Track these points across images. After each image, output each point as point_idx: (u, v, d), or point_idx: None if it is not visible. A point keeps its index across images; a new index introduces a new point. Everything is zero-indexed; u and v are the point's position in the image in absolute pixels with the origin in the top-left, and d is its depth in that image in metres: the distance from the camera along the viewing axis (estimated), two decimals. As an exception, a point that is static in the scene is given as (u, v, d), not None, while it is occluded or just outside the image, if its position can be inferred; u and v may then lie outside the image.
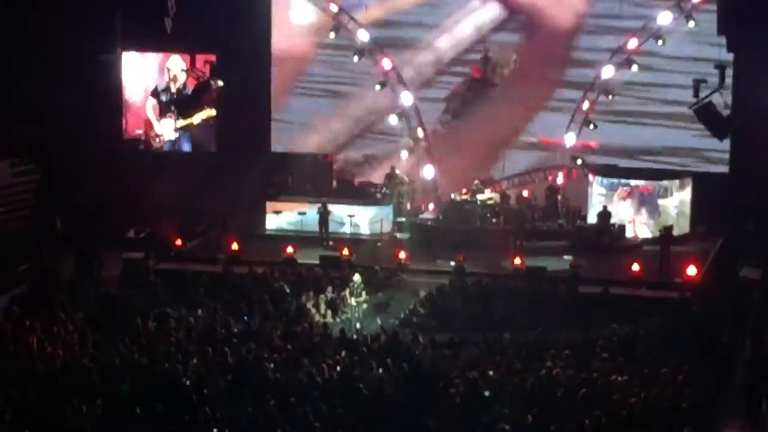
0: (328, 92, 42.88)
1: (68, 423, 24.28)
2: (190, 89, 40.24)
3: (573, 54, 41.16)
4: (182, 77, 40.43)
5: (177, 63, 40.70)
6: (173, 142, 41.28)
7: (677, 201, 38.36)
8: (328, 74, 42.82)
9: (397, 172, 40.72)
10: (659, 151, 40.43)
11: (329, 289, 32.65)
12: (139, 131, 41.19)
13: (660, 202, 38.23)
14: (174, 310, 31.00)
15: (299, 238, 37.23)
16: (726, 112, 35.36)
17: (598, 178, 38.88)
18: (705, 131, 36.17)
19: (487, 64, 41.21)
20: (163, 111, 40.88)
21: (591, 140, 40.77)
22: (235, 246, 36.01)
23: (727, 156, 38.88)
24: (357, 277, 32.62)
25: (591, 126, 40.47)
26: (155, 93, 40.98)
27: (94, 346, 28.37)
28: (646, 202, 38.30)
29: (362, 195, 39.48)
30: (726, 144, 37.60)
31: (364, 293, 32.41)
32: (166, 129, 41.09)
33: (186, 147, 41.28)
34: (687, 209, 38.41)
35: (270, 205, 38.97)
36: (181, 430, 23.88)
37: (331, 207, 38.31)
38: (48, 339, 28.69)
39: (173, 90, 40.77)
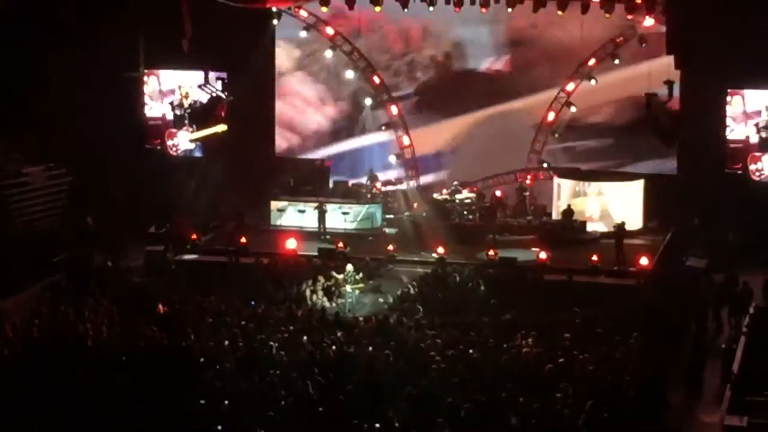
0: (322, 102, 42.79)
1: (97, 395, 24.25)
2: (201, 104, 40.33)
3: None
4: (193, 94, 40.45)
5: (188, 81, 40.84)
6: (188, 150, 41.42)
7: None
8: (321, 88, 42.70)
9: (376, 173, 40.82)
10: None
11: (325, 277, 32.60)
12: (155, 142, 41.40)
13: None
14: (190, 296, 30.99)
15: (300, 233, 37.12)
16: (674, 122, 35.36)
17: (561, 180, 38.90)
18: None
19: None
20: (177, 124, 40.91)
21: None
22: (243, 240, 35.97)
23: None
24: (350, 267, 32.63)
25: (556, 135, 40.49)
26: (171, 108, 41.08)
27: (120, 328, 28.36)
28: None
29: (355, 195, 39.41)
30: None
31: (356, 280, 32.43)
32: (182, 140, 41.15)
33: (198, 153, 41.37)
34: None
35: (274, 204, 38.86)
36: (196, 401, 23.84)
37: (328, 205, 38.25)
38: (79, 321, 28.66)
39: (186, 105, 40.82)
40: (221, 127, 39.78)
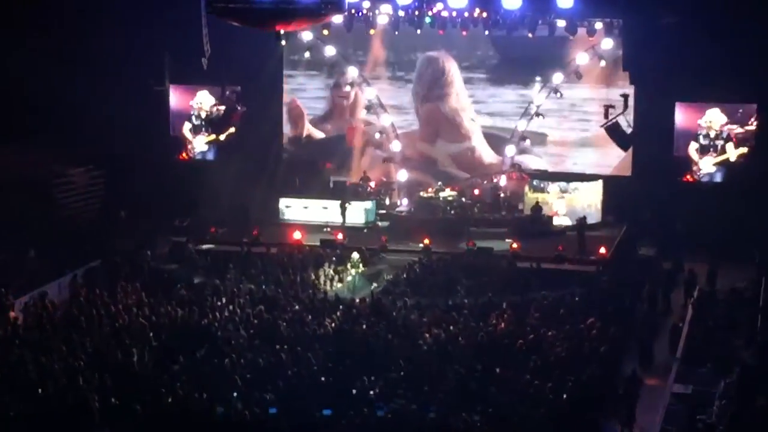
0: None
1: (128, 367, 24.16)
2: (216, 114, 40.51)
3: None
4: (207, 106, 41.03)
5: (203, 96, 41.09)
6: (203, 153, 41.49)
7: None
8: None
9: (368, 174, 40.59)
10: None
11: (326, 264, 32.47)
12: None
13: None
14: (209, 281, 30.88)
15: (305, 226, 37.00)
16: (629, 130, 35.30)
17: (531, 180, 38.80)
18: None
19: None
20: (195, 131, 41.10)
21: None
22: (255, 232, 35.83)
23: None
24: (356, 255, 32.51)
25: (527, 141, 40.34)
26: (189, 118, 41.20)
27: (148, 308, 28.27)
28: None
29: (353, 193, 39.24)
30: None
31: (360, 266, 32.27)
32: (199, 144, 41.24)
33: (211, 156, 41.50)
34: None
35: (282, 201, 38.75)
36: (213, 372, 23.70)
37: (329, 202, 38.17)
38: (113, 302, 28.58)
39: (202, 116, 40.92)
40: (230, 131, 40.07)
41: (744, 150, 37.07)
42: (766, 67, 34.11)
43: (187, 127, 41.59)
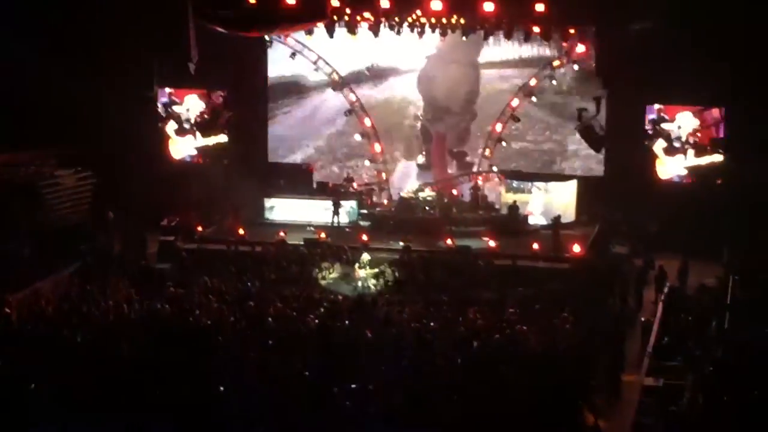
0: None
1: (118, 360, 24.17)
2: (206, 117, 40.48)
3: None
4: (195, 108, 40.96)
5: (190, 100, 41.23)
6: (190, 155, 41.73)
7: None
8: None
9: (351, 175, 40.73)
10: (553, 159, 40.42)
11: (311, 262, 32.50)
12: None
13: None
14: (196, 278, 30.90)
15: (289, 225, 37.04)
16: (601, 132, 35.46)
17: (507, 180, 38.95)
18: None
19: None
20: (182, 131, 41.19)
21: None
22: (241, 231, 35.88)
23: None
24: (366, 256, 32.42)
25: (503, 143, 40.41)
26: (177, 119, 41.07)
27: (137, 304, 28.27)
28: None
29: (335, 194, 39.27)
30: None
31: (368, 267, 32.17)
32: (184, 145, 41.19)
33: (197, 158, 41.71)
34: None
35: (267, 201, 38.80)
36: (201, 368, 23.73)
37: (311, 202, 38.27)
38: (103, 299, 28.57)
39: (190, 117, 41.03)
40: (223, 138, 39.92)
41: (707, 159, 37.22)
42: (734, 71, 34.31)
43: (171, 127, 41.57)
